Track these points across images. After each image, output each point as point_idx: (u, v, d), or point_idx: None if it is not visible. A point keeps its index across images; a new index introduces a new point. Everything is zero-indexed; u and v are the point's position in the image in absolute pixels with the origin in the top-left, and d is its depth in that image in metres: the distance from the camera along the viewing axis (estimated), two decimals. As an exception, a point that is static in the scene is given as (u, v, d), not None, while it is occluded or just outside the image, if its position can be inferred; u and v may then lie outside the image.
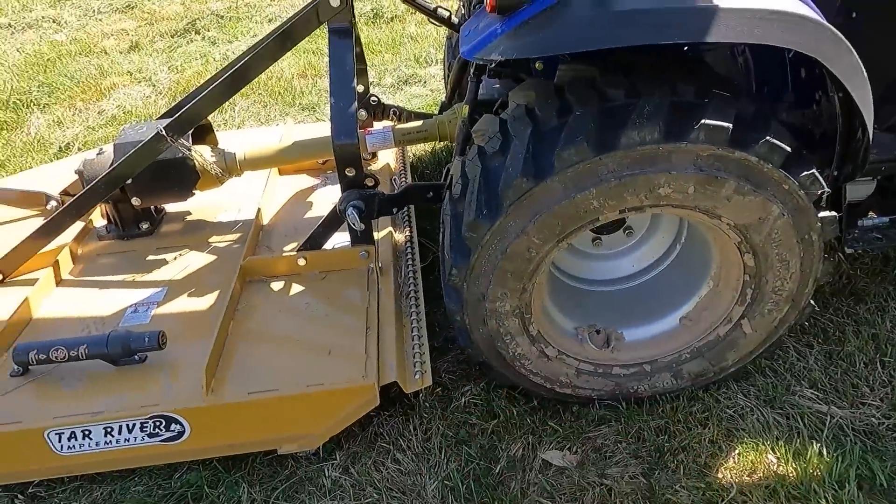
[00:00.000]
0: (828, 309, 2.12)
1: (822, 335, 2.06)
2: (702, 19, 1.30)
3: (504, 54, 1.43)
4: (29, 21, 5.26)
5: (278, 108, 3.79)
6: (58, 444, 1.64)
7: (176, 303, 2.00)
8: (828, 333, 2.06)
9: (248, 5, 5.41)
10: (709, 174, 1.38)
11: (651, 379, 1.82)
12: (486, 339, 1.70)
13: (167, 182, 2.14)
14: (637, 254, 1.97)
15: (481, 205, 1.49)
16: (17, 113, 3.85)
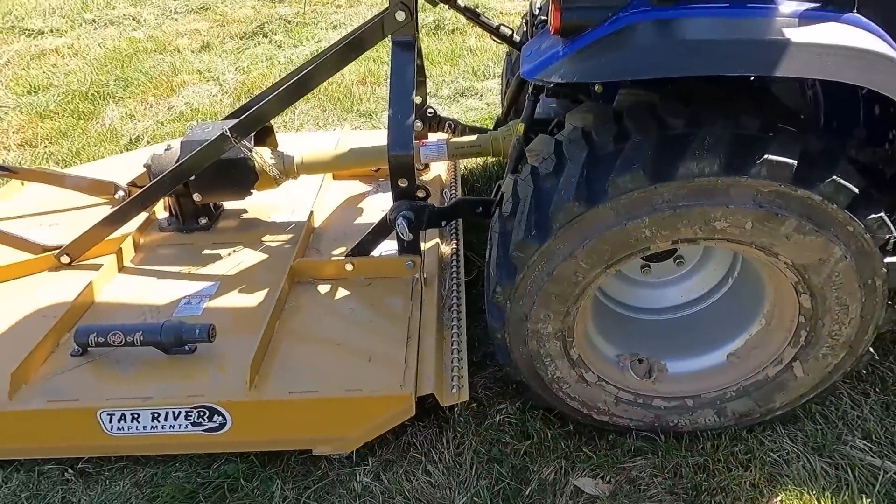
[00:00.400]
0: (888, 357, 2.02)
1: (881, 384, 1.96)
2: (771, 52, 1.27)
3: (565, 77, 1.43)
4: (111, 18, 5.56)
5: (337, 113, 3.88)
6: (108, 424, 1.72)
7: (227, 297, 2.07)
8: (886, 383, 1.96)
9: (315, 12, 5.57)
10: (769, 211, 1.34)
11: (693, 414, 1.77)
12: (525, 359, 1.70)
13: (228, 180, 2.22)
14: (687, 284, 1.92)
15: (531, 225, 1.49)
16: (95, 104, 4.07)
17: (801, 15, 1.34)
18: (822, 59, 1.26)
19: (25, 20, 5.48)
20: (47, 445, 1.76)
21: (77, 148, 3.58)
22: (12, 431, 1.73)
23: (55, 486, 1.76)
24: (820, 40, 1.28)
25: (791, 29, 1.31)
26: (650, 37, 1.38)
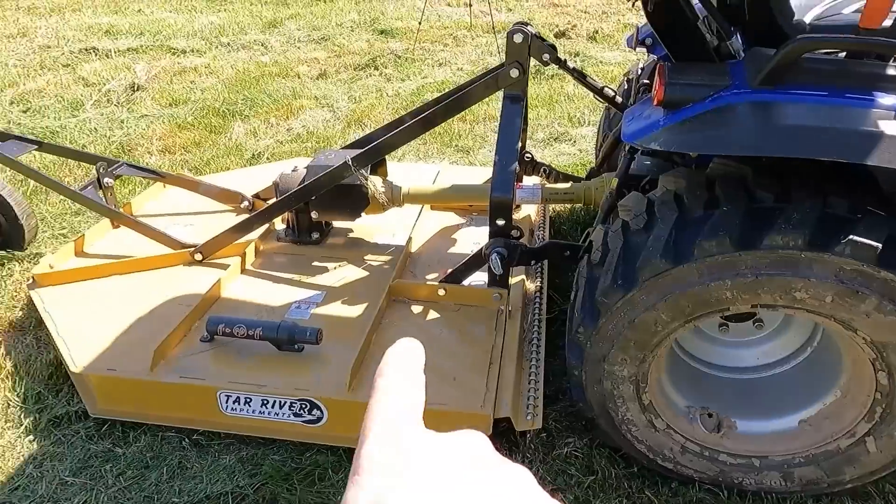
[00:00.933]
0: (974, 448, 1.97)
1: (963, 475, 1.92)
2: (865, 142, 1.37)
3: (663, 146, 1.58)
4: (243, 42, 6.19)
5: (436, 146, 4.16)
6: (225, 403, 1.99)
7: (332, 307, 2.32)
8: (970, 474, 1.92)
9: (423, 49, 5.95)
10: (850, 288, 1.42)
11: (758, 475, 1.82)
12: (598, 397, 1.82)
13: (343, 203, 2.50)
14: (764, 347, 1.98)
15: (618, 275, 1.63)
16: (224, 120, 4.56)
17: (897, 108, 1.43)
18: (915, 152, 1.34)
19: (172, 40, 6.21)
20: (172, 415, 2.05)
21: (208, 158, 4.03)
22: (148, 399, 2.04)
23: (174, 451, 2.04)
24: (914, 135, 1.36)
25: (886, 121, 1.40)
26: (749, 117, 1.51)
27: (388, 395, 0.41)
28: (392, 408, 0.40)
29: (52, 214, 3.36)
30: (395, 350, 0.45)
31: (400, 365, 0.43)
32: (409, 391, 0.42)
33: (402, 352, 0.45)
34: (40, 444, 2.07)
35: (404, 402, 0.41)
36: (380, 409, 0.40)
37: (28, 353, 2.44)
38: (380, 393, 0.41)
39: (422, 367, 0.45)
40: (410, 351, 0.45)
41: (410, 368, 0.44)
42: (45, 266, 2.54)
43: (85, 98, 4.92)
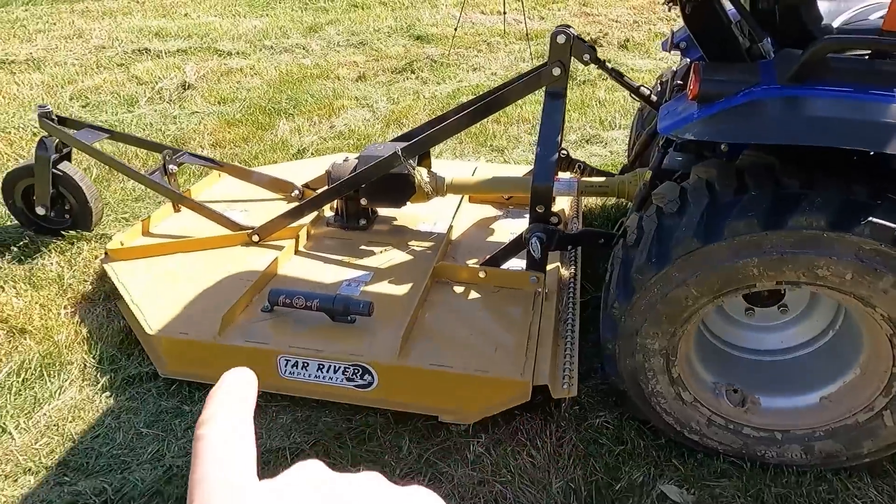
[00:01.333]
0: None
1: (979, 457, 2.01)
2: (884, 132, 1.51)
3: (697, 136, 1.73)
4: (286, 46, 6.47)
5: (472, 146, 4.34)
6: (283, 367, 2.17)
7: (379, 285, 2.50)
8: None
9: (458, 54, 6.16)
10: (868, 266, 1.55)
11: (780, 447, 1.94)
12: (630, 370, 1.96)
13: (391, 191, 2.68)
14: (789, 332, 2.11)
15: (652, 254, 1.78)
16: (270, 118, 4.80)
17: (917, 103, 1.56)
18: (930, 142, 1.47)
19: (218, 42, 6.51)
20: (235, 377, 2.24)
21: (255, 152, 4.27)
22: (214, 361, 2.23)
23: (235, 411, 2.23)
24: (931, 126, 1.49)
25: (905, 114, 1.53)
26: (777, 109, 1.65)
27: (216, 448, 0.36)
28: (222, 461, 0.36)
29: (115, 200, 3.62)
30: (220, 389, 0.40)
31: (226, 410, 0.39)
32: (238, 440, 0.37)
33: (228, 390, 0.40)
34: (116, 400, 2.28)
35: (234, 454, 0.36)
36: (210, 463, 0.36)
37: (100, 322, 2.66)
38: (207, 450, 0.36)
39: (252, 403, 0.40)
40: (238, 386, 0.40)
41: (237, 411, 0.39)
42: (117, 243, 2.77)
43: (139, 95, 5.22)
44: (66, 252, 3.09)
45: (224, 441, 0.37)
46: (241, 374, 0.42)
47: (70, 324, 2.65)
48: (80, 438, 2.14)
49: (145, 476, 1.99)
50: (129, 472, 2.02)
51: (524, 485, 1.98)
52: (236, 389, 0.40)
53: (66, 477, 2.02)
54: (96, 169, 3.87)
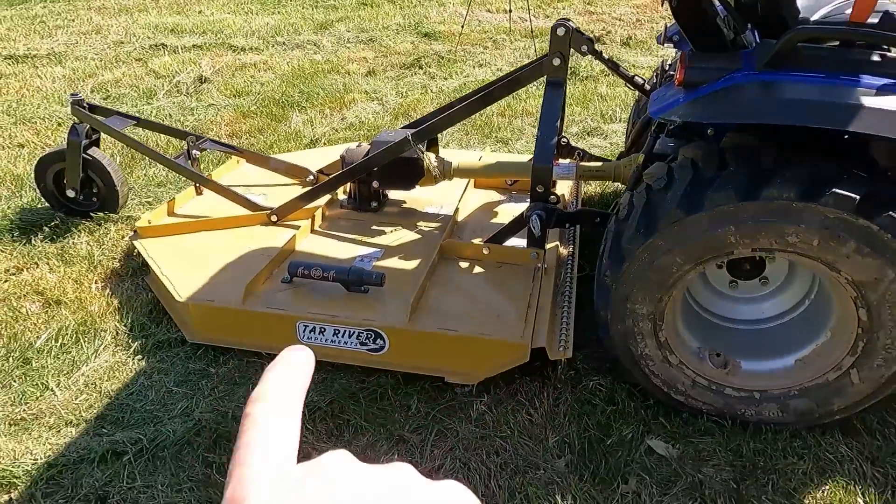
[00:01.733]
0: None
1: (945, 417, 2.18)
2: (849, 112, 1.68)
3: (682, 117, 1.91)
4: (297, 42, 6.66)
5: (477, 137, 4.52)
6: (302, 332, 2.36)
7: (390, 261, 2.68)
8: (951, 417, 2.18)
9: (465, 50, 6.34)
10: (833, 232, 1.72)
11: (758, 406, 2.11)
12: (621, 335, 2.14)
13: (401, 174, 2.86)
14: (768, 303, 2.27)
15: (640, 225, 1.96)
16: (283, 110, 5.00)
17: (879, 87, 1.73)
18: (888, 121, 1.64)
19: (232, 38, 6.71)
20: (257, 342, 2.43)
21: (270, 142, 4.46)
22: (238, 327, 2.42)
23: (257, 373, 2.41)
24: (889, 107, 1.66)
25: (869, 97, 1.71)
26: (753, 93, 1.83)
27: (261, 432, 0.38)
28: (265, 446, 0.37)
29: (139, 185, 3.82)
30: (276, 366, 0.41)
31: (278, 389, 0.40)
32: (285, 423, 0.39)
33: (282, 369, 0.41)
34: (148, 362, 2.47)
35: (278, 438, 0.38)
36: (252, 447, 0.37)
37: (129, 295, 2.86)
38: (251, 430, 0.38)
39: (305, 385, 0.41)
40: (293, 368, 0.41)
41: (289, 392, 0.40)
42: (145, 221, 2.96)
43: (157, 88, 5.42)
44: (94, 232, 3.29)
45: (269, 423, 0.38)
46: (299, 352, 0.42)
47: (101, 296, 2.85)
48: (116, 395, 2.34)
49: (176, 428, 2.18)
50: (162, 425, 2.21)
51: (523, 439, 2.15)
52: (291, 368, 0.41)
53: (103, 429, 2.22)
54: (120, 156, 4.07)
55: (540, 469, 2.06)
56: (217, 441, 2.14)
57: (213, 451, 2.11)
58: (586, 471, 2.03)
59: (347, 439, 2.18)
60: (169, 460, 2.08)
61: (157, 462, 2.08)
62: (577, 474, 2.03)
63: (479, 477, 2.03)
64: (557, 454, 2.11)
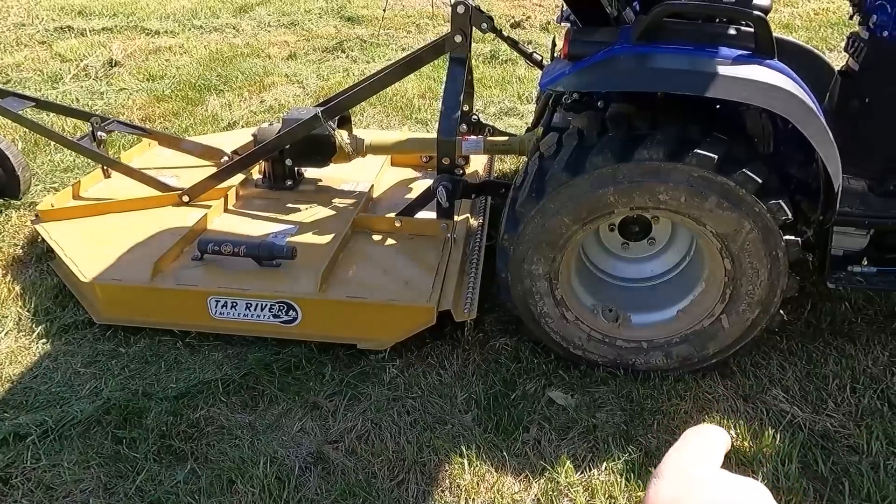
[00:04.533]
0: (816, 340, 2.50)
1: (807, 357, 2.44)
2: (706, 79, 1.86)
3: (565, 87, 2.06)
4: (216, 25, 6.49)
5: (398, 119, 4.58)
6: (213, 308, 2.37)
7: (304, 236, 2.72)
8: (812, 357, 2.44)
9: (388, 35, 6.36)
10: (697, 190, 1.91)
11: (646, 355, 2.30)
12: (521, 295, 2.27)
13: (313, 151, 2.89)
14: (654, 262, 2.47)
15: (532, 190, 2.09)
16: (200, 94, 4.89)
17: (734, 58, 1.92)
18: (740, 87, 1.83)
19: (145, 21, 6.46)
20: (168, 320, 2.43)
21: (185, 126, 4.37)
22: (147, 305, 2.41)
23: (170, 351, 2.42)
24: (741, 75, 1.85)
25: (725, 66, 1.89)
26: (628, 63, 1.98)
27: (689, 440, 0.52)
28: (691, 448, 0.51)
29: (44, 171, 3.67)
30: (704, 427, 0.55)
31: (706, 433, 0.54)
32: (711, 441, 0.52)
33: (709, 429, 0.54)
34: (53, 345, 2.42)
35: (704, 446, 0.51)
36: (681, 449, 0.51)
37: (33, 281, 2.77)
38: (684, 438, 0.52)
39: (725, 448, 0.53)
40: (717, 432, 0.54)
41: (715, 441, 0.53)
42: (48, 204, 2.87)
43: (63, 72, 5.18)
44: (-6, 219, 3.16)
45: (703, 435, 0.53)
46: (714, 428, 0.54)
47: (2, 283, 2.75)
48: (19, 380, 2.29)
49: (84, 408, 2.16)
50: (69, 406, 2.18)
51: (432, 398, 2.26)
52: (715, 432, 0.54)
53: (5, 413, 2.17)
54: (22, 142, 3.89)
55: (447, 424, 2.17)
56: (128, 418, 2.14)
57: (123, 427, 2.11)
58: (490, 422, 2.17)
59: (262, 410, 2.22)
60: (76, 439, 2.06)
61: (63, 442, 2.06)
62: (482, 426, 2.16)
63: (389, 435, 2.12)
64: (464, 409, 2.23)
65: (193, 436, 2.10)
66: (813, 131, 1.86)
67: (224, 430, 2.13)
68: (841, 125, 2.12)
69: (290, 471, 2.00)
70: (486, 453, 2.06)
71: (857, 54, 2.23)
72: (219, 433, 2.12)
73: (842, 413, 2.23)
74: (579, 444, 2.11)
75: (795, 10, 6.96)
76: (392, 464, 2.03)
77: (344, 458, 2.03)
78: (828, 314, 2.62)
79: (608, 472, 2.02)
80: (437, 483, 1.99)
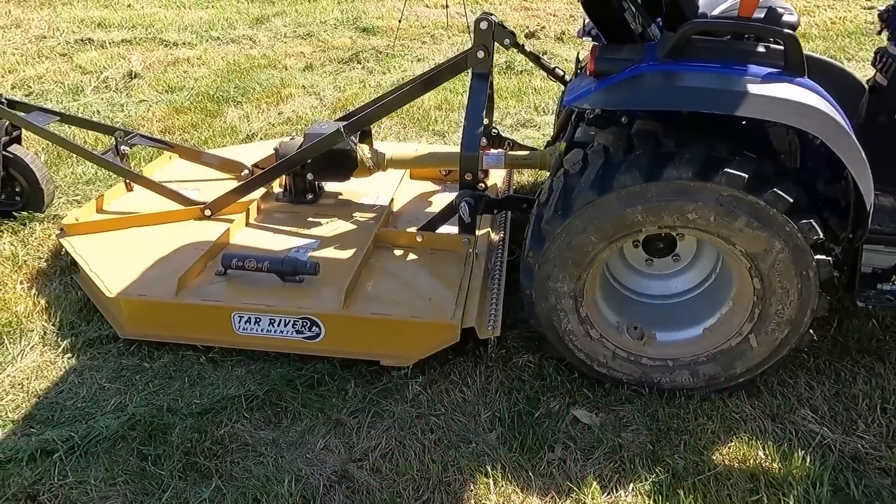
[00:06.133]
0: (844, 358, 2.47)
1: (835, 376, 2.40)
2: (736, 98, 1.84)
3: (592, 105, 2.04)
4: (233, 37, 6.56)
5: (415, 130, 4.59)
6: (237, 323, 2.38)
7: (326, 251, 2.73)
8: (840, 376, 2.40)
9: (403, 45, 6.39)
10: (727, 209, 1.89)
11: (672, 374, 2.28)
12: (545, 312, 2.26)
13: (335, 166, 2.91)
14: (680, 279, 2.45)
15: (558, 207, 2.08)
16: (218, 105, 4.93)
17: (764, 76, 1.91)
18: (771, 106, 1.81)
19: (164, 33, 6.54)
20: (192, 335, 2.43)
21: (205, 138, 4.40)
22: (172, 320, 2.42)
23: (193, 366, 2.43)
24: (772, 93, 1.84)
25: (755, 85, 1.87)
26: (656, 81, 1.97)
27: None
28: None
29: (66, 183, 3.71)
30: None
31: None
32: None
33: None
34: (79, 360, 2.44)
35: None
36: None
37: (57, 294, 2.80)
38: None
39: None
40: None
41: None
42: (73, 218, 2.90)
43: (84, 84, 5.25)
44: (18, 233, 3.19)
45: None
46: None
47: (27, 297, 2.78)
48: (45, 395, 2.30)
49: (110, 423, 2.17)
50: (94, 422, 2.19)
51: (456, 416, 2.25)
52: None
53: (31, 428, 2.18)
54: (45, 154, 3.94)
55: (472, 443, 2.16)
56: (152, 434, 2.15)
57: (148, 444, 2.12)
58: (515, 441, 2.15)
59: (285, 426, 2.22)
60: (102, 455, 2.07)
61: (89, 458, 2.06)
62: (507, 445, 2.14)
63: (413, 453, 2.11)
64: (489, 428, 2.21)
65: (218, 453, 2.10)
66: (845, 150, 1.84)
67: (248, 447, 2.13)
68: (868, 140, 2.10)
69: (315, 490, 1.99)
70: (512, 473, 2.05)
71: (886, 70, 2.20)
72: (243, 450, 2.11)
73: (872, 434, 2.19)
74: (605, 465, 2.09)
75: (812, 20, 6.92)
76: (417, 483, 2.02)
77: (368, 477, 2.02)
78: (855, 331, 2.59)
79: (635, 493, 2.00)
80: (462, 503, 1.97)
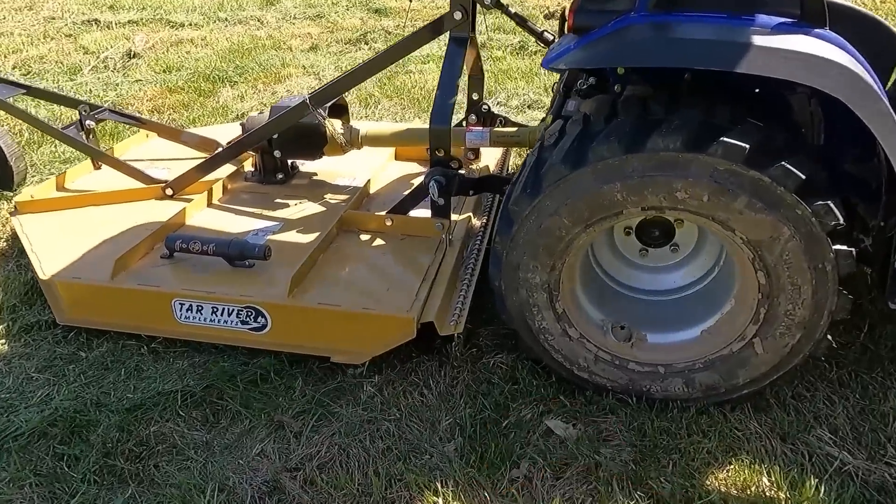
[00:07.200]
0: (874, 369, 2.10)
1: (861, 391, 2.04)
2: (738, 52, 1.51)
3: (570, 64, 1.73)
4: (240, 18, 6.39)
5: (414, 111, 4.32)
6: (179, 311, 2.16)
7: (286, 234, 2.48)
8: (868, 391, 2.04)
9: (414, 26, 6.08)
10: (723, 186, 1.56)
11: (663, 381, 1.96)
12: (517, 307, 1.96)
13: (303, 142, 2.66)
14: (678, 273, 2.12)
15: (527, 185, 1.78)
16: (213, 85, 4.75)
17: (774, 26, 1.56)
18: (779, 61, 1.47)
19: (171, 14, 6.41)
20: (131, 323, 2.22)
21: (194, 117, 4.22)
22: (109, 306, 2.21)
23: (133, 357, 2.22)
24: (782, 46, 1.50)
25: (762, 36, 1.54)
26: (644, 34, 1.65)
27: None
28: None
29: (42, 162, 3.56)
30: None
31: None
32: None
33: None
34: (10, 347, 2.26)
35: None
36: None
37: (8, 275, 2.63)
38: None
39: None
40: None
41: None
42: (27, 196, 2.73)
43: (83, 64, 5.14)
44: (-17, 211, 3.05)
45: None
46: None
47: (-24, 277, 2.62)
48: (-31, 383, 2.12)
49: (31, 418, 1.98)
50: (15, 414, 2.00)
51: (412, 422, 1.98)
52: None
53: (-52, 419, 2.00)
54: (28, 132, 3.81)
55: (425, 454, 1.88)
56: (74, 431, 1.94)
57: (67, 442, 1.91)
58: (475, 455, 1.86)
59: (222, 427, 1.99)
60: (15, 453, 1.87)
61: (1, 455, 1.87)
62: (465, 459, 1.86)
63: (356, 464, 1.85)
64: (447, 437, 1.94)
65: (141, 455, 1.88)
66: (874, 115, 1.49)
67: (175, 449, 1.90)
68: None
69: (241, 502, 1.75)
70: (466, 492, 1.77)
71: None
72: (169, 453, 1.89)
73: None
74: (577, 486, 1.79)
75: (859, -3, 6.35)
76: (355, 499, 1.76)
77: (300, 491, 1.77)
78: (888, 338, 2.21)
79: (609, 522, 1.70)
80: (404, 526, 1.70)
